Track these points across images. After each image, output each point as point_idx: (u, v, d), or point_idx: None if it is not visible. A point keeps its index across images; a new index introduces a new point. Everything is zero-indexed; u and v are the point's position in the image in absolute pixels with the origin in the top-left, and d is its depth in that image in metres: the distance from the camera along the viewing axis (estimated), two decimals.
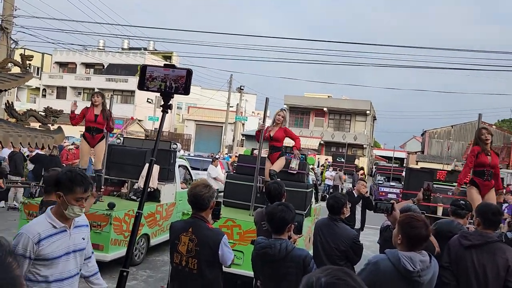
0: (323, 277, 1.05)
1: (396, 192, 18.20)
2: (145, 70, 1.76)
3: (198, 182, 3.19)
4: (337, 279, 1.05)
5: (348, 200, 4.72)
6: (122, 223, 6.28)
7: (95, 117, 6.32)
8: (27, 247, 2.37)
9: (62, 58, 42.85)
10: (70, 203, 2.44)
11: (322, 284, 1.03)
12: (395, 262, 2.54)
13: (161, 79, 1.74)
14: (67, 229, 2.52)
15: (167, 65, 1.76)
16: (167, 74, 1.74)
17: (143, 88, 1.75)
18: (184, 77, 1.75)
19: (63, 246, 2.49)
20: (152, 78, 1.73)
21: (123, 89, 39.91)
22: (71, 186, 2.43)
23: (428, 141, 38.40)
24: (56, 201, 3.55)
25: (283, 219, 2.95)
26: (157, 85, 1.74)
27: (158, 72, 1.74)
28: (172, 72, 1.74)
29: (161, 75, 1.74)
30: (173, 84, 1.73)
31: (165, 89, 1.74)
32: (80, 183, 2.45)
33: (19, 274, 0.78)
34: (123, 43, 42.46)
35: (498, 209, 3.47)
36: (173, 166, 8.06)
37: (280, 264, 2.91)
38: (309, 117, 39.12)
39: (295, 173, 6.96)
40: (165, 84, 1.74)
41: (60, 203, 2.46)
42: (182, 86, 1.75)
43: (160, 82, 1.74)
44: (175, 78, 1.73)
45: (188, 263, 3.00)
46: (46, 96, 41.86)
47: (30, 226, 2.47)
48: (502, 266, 3.17)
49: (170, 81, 1.73)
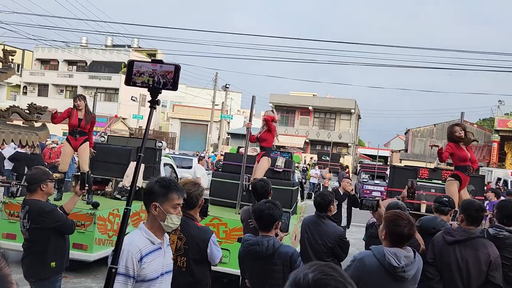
0: (310, 273, 1.05)
1: (380, 190, 18.41)
2: (132, 65, 1.74)
3: (187, 180, 3.19)
4: (324, 275, 1.05)
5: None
6: (107, 223, 6.21)
7: (79, 121, 6.26)
8: (131, 265, 2.13)
9: (43, 55, 42.05)
10: (168, 212, 2.22)
11: (310, 280, 1.03)
12: (380, 258, 2.58)
13: (148, 74, 1.71)
14: (162, 246, 2.29)
15: (154, 61, 1.73)
16: (155, 70, 1.72)
17: (130, 84, 1.72)
18: (172, 72, 1.73)
19: (159, 266, 2.26)
20: (140, 73, 1.71)
21: (106, 86, 39.37)
22: (167, 193, 2.23)
23: (412, 139, 38.94)
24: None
25: (270, 216, 2.96)
26: (144, 80, 1.72)
27: (145, 67, 1.72)
28: (159, 68, 1.72)
29: (148, 70, 1.72)
30: (161, 79, 1.71)
31: (153, 84, 1.72)
32: (175, 189, 2.27)
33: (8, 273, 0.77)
34: (107, 40, 41.89)
35: (481, 206, 3.56)
36: (158, 164, 8.00)
37: (268, 261, 2.93)
38: (295, 116, 39.27)
39: (281, 171, 6.99)
40: (153, 80, 1.72)
41: (157, 214, 2.23)
42: (170, 82, 1.73)
43: (147, 77, 1.71)
44: (163, 74, 1.71)
45: (177, 261, 2.99)
46: (27, 93, 41.03)
47: (131, 241, 2.19)
48: (484, 261, 3.25)
49: (158, 76, 1.71)
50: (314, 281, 1.03)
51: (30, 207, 3.50)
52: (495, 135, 32.05)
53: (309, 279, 1.04)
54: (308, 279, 1.04)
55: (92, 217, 5.89)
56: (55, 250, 3.58)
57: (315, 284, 1.03)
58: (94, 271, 6.26)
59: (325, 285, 1.03)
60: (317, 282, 1.03)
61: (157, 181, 2.31)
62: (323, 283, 1.03)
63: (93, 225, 5.89)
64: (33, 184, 3.54)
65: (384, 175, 21.99)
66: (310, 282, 1.03)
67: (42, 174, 3.59)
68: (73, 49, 38.90)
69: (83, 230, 5.83)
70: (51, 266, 3.55)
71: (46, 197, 3.64)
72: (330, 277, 1.05)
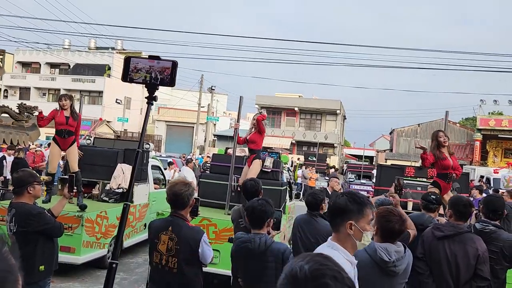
0: (305, 265, 1.06)
1: (367, 189, 18.59)
2: (129, 62, 1.73)
3: (177, 181, 3.18)
4: (320, 265, 1.06)
5: None
6: (94, 225, 6.14)
7: (66, 119, 6.08)
8: None
9: (25, 58, 41.35)
10: (365, 229, 2.03)
11: (307, 272, 1.03)
12: (372, 253, 2.62)
13: (145, 70, 1.71)
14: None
15: (152, 57, 1.73)
16: (152, 66, 1.72)
17: (127, 80, 1.72)
18: (170, 68, 1.73)
19: None
20: (137, 70, 1.70)
21: (90, 89, 38.91)
22: (362, 209, 2.03)
23: (396, 139, 39.44)
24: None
25: (263, 213, 2.97)
26: (142, 76, 1.71)
27: (142, 63, 1.72)
28: (157, 64, 1.72)
29: (145, 67, 1.72)
30: (158, 75, 1.71)
31: (150, 80, 1.71)
32: (368, 203, 2.09)
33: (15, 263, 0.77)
34: (90, 42, 41.37)
35: (469, 202, 3.63)
36: (146, 166, 7.94)
37: (260, 258, 2.93)
38: (281, 117, 39.41)
39: (269, 171, 7.01)
40: (150, 76, 1.71)
41: (353, 233, 2.03)
42: (167, 78, 1.73)
43: (144, 73, 1.71)
44: (160, 70, 1.71)
45: (168, 262, 2.98)
46: (8, 97, 40.24)
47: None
48: (472, 255, 3.32)
49: (155, 72, 1.71)
50: (311, 272, 1.04)
51: (16, 210, 3.43)
52: (477, 134, 32.67)
53: (305, 270, 1.04)
54: (305, 270, 1.04)
55: (80, 220, 5.82)
56: (43, 254, 3.52)
57: (312, 275, 1.03)
58: (82, 274, 6.18)
59: (323, 275, 1.03)
60: (314, 273, 1.04)
61: (347, 197, 2.09)
62: (321, 274, 1.04)
63: (80, 227, 5.81)
64: (20, 186, 3.48)
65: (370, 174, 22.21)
66: (307, 274, 1.03)
67: (29, 177, 3.54)
68: (55, 52, 38.31)
69: (70, 233, 5.75)
70: (40, 269, 3.50)
71: (34, 200, 3.58)
72: (325, 266, 1.06)
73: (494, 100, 32.32)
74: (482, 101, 32.43)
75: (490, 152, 33.70)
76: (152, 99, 1.78)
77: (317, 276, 1.04)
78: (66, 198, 3.93)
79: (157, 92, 1.83)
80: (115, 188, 7.20)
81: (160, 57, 1.73)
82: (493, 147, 33.76)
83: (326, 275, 1.04)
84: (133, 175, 1.83)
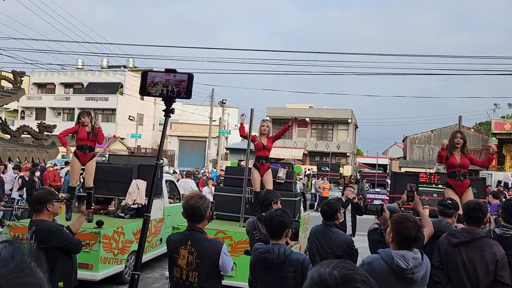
0: (333, 270, 1.09)
1: (381, 198, 18.40)
2: (146, 76, 1.79)
3: (193, 194, 3.21)
4: (347, 270, 1.09)
5: None
6: (111, 241, 6.20)
7: (87, 134, 6.29)
8: None
9: (40, 79, 42.28)
10: None
11: (337, 277, 1.06)
12: (389, 261, 2.60)
13: (162, 84, 1.76)
14: None
15: (168, 70, 1.79)
16: (168, 79, 1.77)
17: (145, 94, 1.77)
18: (186, 81, 1.77)
19: None
20: (154, 84, 1.76)
21: (104, 107, 39.51)
22: None
23: (410, 146, 39.05)
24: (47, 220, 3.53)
25: (281, 223, 2.97)
26: (158, 90, 1.76)
27: (159, 77, 1.77)
28: (173, 77, 1.77)
29: (162, 80, 1.77)
30: (174, 88, 1.76)
31: (167, 93, 1.76)
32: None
33: (44, 277, 0.80)
34: (102, 62, 42.17)
35: (477, 206, 3.50)
36: (160, 181, 8.01)
37: (279, 269, 2.93)
38: (292, 128, 39.36)
39: (283, 182, 7.02)
40: (167, 89, 1.76)
41: None
42: (183, 90, 1.77)
43: (161, 87, 1.76)
44: (177, 83, 1.76)
45: (189, 277, 2.98)
46: (25, 118, 41.10)
47: None
48: (490, 261, 3.26)
49: (172, 85, 1.76)
50: (341, 277, 1.07)
51: (36, 227, 3.51)
52: (492, 138, 32.16)
53: (336, 276, 1.07)
54: (335, 276, 1.07)
55: (97, 236, 5.88)
56: (62, 270, 3.58)
57: (343, 280, 1.06)
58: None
59: (354, 279, 1.07)
60: (345, 277, 1.07)
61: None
62: (352, 278, 1.07)
63: (98, 244, 5.88)
64: (39, 204, 3.55)
65: (385, 183, 21.98)
66: (338, 279, 1.06)
67: (48, 194, 3.62)
68: (69, 72, 39.11)
69: (88, 249, 5.82)
70: (59, 286, 3.54)
71: (53, 217, 3.65)
72: (354, 271, 1.10)
73: (508, 104, 31.90)
74: (496, 105, 32.03)
75: (507, 156, 33.10)
76: (170, 111, 1.83)
77: (348, 280, 1.07)
78: (84, 215, 3.99)
79: None
80: (130, 204, 7.27)
81: (176, 70, 1.78)
82: (509, 151, 33.17)
83: (357, 280, 1.07)
84: (153, 186, 1.86)
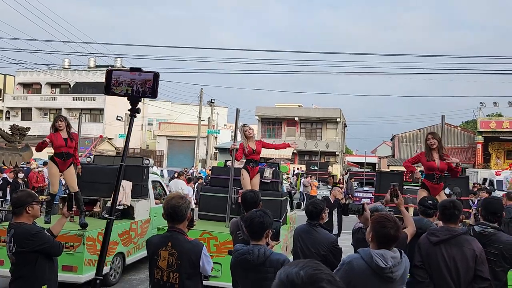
0: (300, 271, 1.12)
1: (369, 196, 18.54)
2: (111, 75, 1.77)
3: (173, 195, 3.19)
4: (314, 270, 1.12)
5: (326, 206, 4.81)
6: (96, 243, 6.14)
7: (65, 141, 6.09)
8: None
9: (26, 79, 41.71)
10: None
11: (304, 277, 1.09)
12: (368, 260, 2.62)
13: (127, 84, 1.74)
14: None
15: (133, 69, 1.77)
16: (134, 79, 1.75)
17: (109, 93, 1.75)
18: (151, 80, 1.76)
19: None
20: (118, 83, 1.74)
21: (91, 107, 39.17)
22: None
23: (398, 145, 39.36)
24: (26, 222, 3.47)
25: (261, 224, 2.97)
26: (123, 89, 1.75)
27: (124, 76, 1.75)
28: (138, 76, 1.75)
29: (127, 80, 1.75)
30: (140, 88, 1.74)
31: (132, 93, 1.75)
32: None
33: None
34: (89, 61, 41.76)
35: (451, 203, 3.55)
36: (146, 182, 7.96)
37: (259, 270, 2.93)
38: (281, 127, 39.44)
39: (269, 182, 7.02)
40: (132, 89, 1.74)
41: None
42: (149, 90, 1.76)
43: (126, 86, 1.74)
44: (142, 82, 1.74)
45: (170, 278, 2.98)
46: (10, 118, 40.51)
47: None
48: (470, 257, 3.31)
49: (137, 85, 1.74)
50: (308, 277, 1.09)
51: (15, 230, 3.45)
52: (478, 136, 32.59)
53: (302, 276, 1.10)
54: (302, 276, 1.09)
55: (81, 238, 5.83)
56: (43, 273, 3.52)
57: (310, 280, 1.09)
58: None
59: (320, 279, 1.10)
60: (311, 277, 1.10)
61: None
62: (318, 278, 1.10)
63: (82, 246, 5.82)
64: (19, 207, 3.49)
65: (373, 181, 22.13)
66: (304, 279, 1.09)
67: (27, 197, 3.56)
68: (55, 72, 38.65)
69: (72, 252, 5.76)
70: None
71: (33, 219, 3.59)
72: (320, 271, 1.13)
73: (493, 102, 32.31)
74: (482, 103, 32.43)
75: (493, 154, 33.57)
76: (135, 111, 1.81)
77: (314, 280, 1.10)
78: (65, 217, 3.94)
79: (157, 108, 1.87)
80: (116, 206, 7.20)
81: (142, 69, 1.76)
82: (495, 149, 33.64)
83: (323, 279, 1.10)
84: (116, 188, 1.85)
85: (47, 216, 6.42)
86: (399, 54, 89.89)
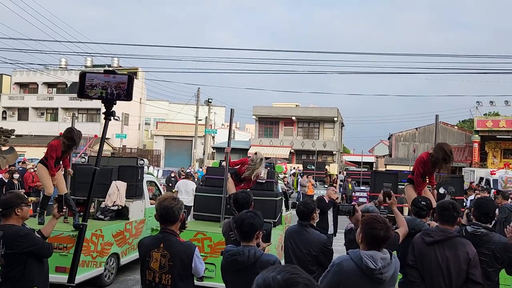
0: (277, 275, 1.12)
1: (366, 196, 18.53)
2: (85, 78, 1.75)
3: (166, 196, 3.18)
4: (291, 274, 1.13)
5: (320, 206, 4.79)
6: (90, 244, 6.12)
7: (62, 153, 6.26)
8: None
9: (22, 79, 41.56)
10: None
11: (280, 281, 1.10)
12: (358, 261, 2.61)
13: (101, 86, 1.73)
14: None
15: (107, 71, 1.75)
16: (108, 81, 1.73)
17: (83, 96, 1.74)
18: (125, 83, 1.74)
19: None
20: (92, 86, 1.72)
21: (88, 107, 39.04)
22: None
23: (395, 144, 39.41)
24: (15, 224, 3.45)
25: (251, 225, 2.97)
26: (97, 92, 1.73)
27: (98, 79, 1.73)
28: (113, 79, 1.74)
29: (101, 83, 1.73)
30: (114, 91, 1.73)
31: (106, 96, 1.73)
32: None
33: None
34: (86, 61, 41.64)
35: (451, 205, 3.53)
36: (141, 182, 7.94)
37: (250, 271, 2.92)
38: (278, 127, 39.44)
39: (264, 182, 7.00)
40: (106, 91, 1.73)
41: None
42: (123, 93, 1.75)
43: (100, 89, 1.73)
44: (116, 85, 1.73)
45: (162, 279, 2.97)
46: (7, 118, 40.37)
47: None
48: (463, 260, 3.29)
49: (111, 88, 1.73)
50: (284, 281, 1.10)
51: (4, 232, 3.42)
52: (475, 135, 32.66)
53: (279, 280, 1.11)
54: (278, 280, 1.10)
55: (74, 239, 5.80)
56: (32, 275, 3.50)
57: (286, 284, 1.10)
58: None
59: (296, 283, 1.11)
60: (288, 281, 1.11)
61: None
62: (294, 281, 1.11)
63: None
64: (8, 208, 3.47)
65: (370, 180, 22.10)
66: (281, 283, 1.10)
67: (16, 198, 3.53)
68: (52, 71, 38.53)
69: (65, 253, 5.74)
70: None
71: (22, 221, 3.57)
72: (297, 275, 1.13)
73: (490, 101, 32.37)
74: (479, 102, 32.50)
75: (489, 153, 33.65)
76: (110, 114, 1.80)
77: (291, 284, 1.11)
78: (56, 218, 3.92)
79: (154, 107, 1.86)
80: (110, 206, 7.19)
81: (116, 72, 1.75)
82: (491, 148, 33.72)
83: (299, 283, 1.11)
84: (91, 190, 1.83)
85: (40, 217, 6.40)
86: (398, 54, 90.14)
